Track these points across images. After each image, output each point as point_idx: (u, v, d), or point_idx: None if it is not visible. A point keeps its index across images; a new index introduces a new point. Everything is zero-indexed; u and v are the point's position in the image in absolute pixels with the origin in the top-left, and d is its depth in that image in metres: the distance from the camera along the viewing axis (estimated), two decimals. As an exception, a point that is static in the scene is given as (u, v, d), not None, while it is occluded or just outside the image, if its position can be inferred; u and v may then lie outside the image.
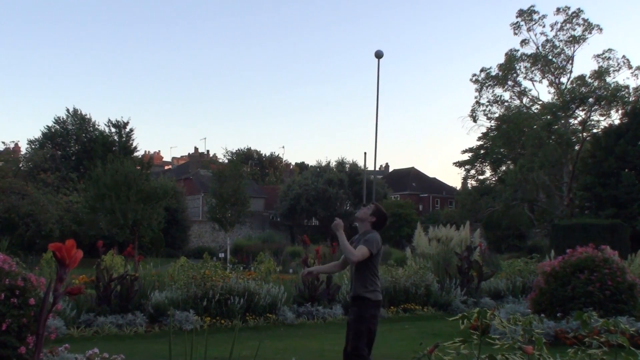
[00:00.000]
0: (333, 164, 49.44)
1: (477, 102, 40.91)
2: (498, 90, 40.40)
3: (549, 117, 36.97)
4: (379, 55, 16.96)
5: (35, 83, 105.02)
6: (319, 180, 45.60)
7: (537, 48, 39.35)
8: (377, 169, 69.71)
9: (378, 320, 4.99)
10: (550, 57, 38.94)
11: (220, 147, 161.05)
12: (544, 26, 39.23)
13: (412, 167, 63.59)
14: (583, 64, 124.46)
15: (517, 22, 39.68)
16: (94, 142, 37.20)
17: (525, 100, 40.80)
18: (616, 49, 60.58)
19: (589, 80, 37.83)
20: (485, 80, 40.32)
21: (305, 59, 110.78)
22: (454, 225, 15.09)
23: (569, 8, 38.46)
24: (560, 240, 23.93)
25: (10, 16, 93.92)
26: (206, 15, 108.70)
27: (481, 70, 40.44)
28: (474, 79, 40.70)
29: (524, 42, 39.77)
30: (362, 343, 4.77)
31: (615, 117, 36.97)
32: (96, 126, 40.11)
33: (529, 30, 39.46)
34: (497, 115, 40.47)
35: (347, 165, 49.00)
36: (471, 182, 48.56)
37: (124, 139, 37.03)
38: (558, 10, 38.79)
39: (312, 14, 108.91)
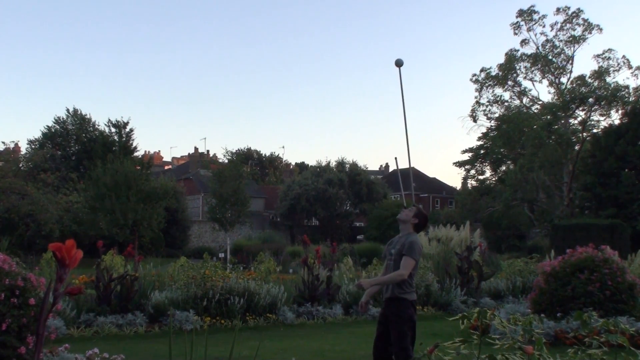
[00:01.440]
0: (333, 164, 49.45)
1: (477, 102, 40.93)
2: (498, 90, 40.43)
3: (549, 117, 36.95)
4: (399, 64, 16.44)
5: (35, 83, 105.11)
6: (319, 180, 45.58)
7: (537, 48, 39.36)
8: (376, 169, 69.24)
9: (415, 320, 5.07)
10: (550, 57, 38.93)
11: (220, 147, 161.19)
12: (544, 26, 39.27)
13: (412, 167, 63.56)
14: (583, 64, 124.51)
15: (517, 22, 39.70)
16: (94, 142, 37.18)
17: (525, 100, 40.82)
18: (616, 49, 60.58)
19: (589, 80, 37.83)
20: (485, 80, 40.31)
21: (305, 59, 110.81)
22: (454, 225, 15.08)
23: (569, 8, 38.49)
24: (560, 240, 23.92)
25: (11, 16, 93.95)
26: (206, 15, 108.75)
27: (481, 70, 40.47)
28: (474, 79, 40.73)
29: (524, 42, 39.80)
30: (407, 342, 4.86)
31: (615, 117, 36.99)
32: (96, 126, 40.07)
33: (529, 30, 39.47)
34: (497, 115, 40.48)
35: (347, 165, 48.98)
36: (471, 182, 48.53)
37: (124, 139, 36.99)
38: (558, 10, 38.81)
39: (312, 14, 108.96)
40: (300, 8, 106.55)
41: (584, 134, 37.23)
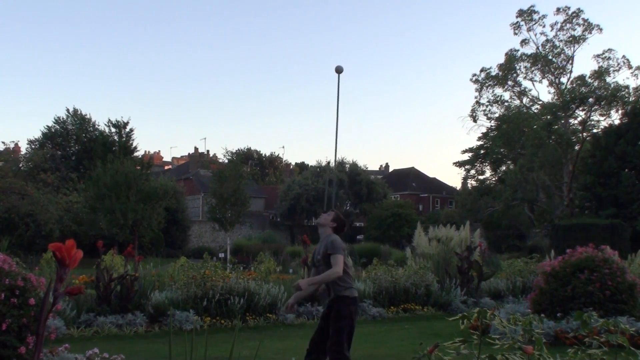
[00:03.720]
0: (333, 164, 49.44)
1: (477, 102, 40.93)
2: (498, 90, 40.43)
3: (549, 117, 36.95)
4: (339, 70, 17.42)
5: (35, 83, 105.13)
6: (319, 180, 45.60)
7: (537, 48, 39.35)
8: (376, 169, 69.21)
9: (357, 317, 5.27)
10: (550, 57, 38.92)
11: (220, 147, 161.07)
12: (544, 26, 39.27)
13: (412, 167, 63.59)
14: (583, 64, 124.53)
15: (517, 22, 39.69)
16: (94, 142, 37.16)
17: (525, 100, 40.81)
18: (616, 49, 60.60)
19: (589, 80, 37.82)
20: (485, 80, 40.30)
21: (305, 59, 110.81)
22: (454, 225, 15.07)
23: (569, 8, 38.48)
24: (560, 240, 23.91)
25: (11, 16, 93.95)
26: (206, 15, 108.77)
27: (481, 70, 40.47)
28: (474, 79, 40.72)
29: (524, 42, 39.80)
30: (342, 337, 5.01)
31: (615, 117, 37.00)
32: (96, 126, 40.09)
33: (529, 30, 39.47)
34: (497, 115, 40.47)
35: (347, 165, 48.99)
36: (471, 182, 48.52)
37: (124, 139, 36.96)
38: (558, 10, 38.81)
39: (312, 15, 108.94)
40: (299, 8, 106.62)
41: (584, 134, 37.23)
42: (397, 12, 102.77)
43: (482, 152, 45.75)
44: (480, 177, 47.37)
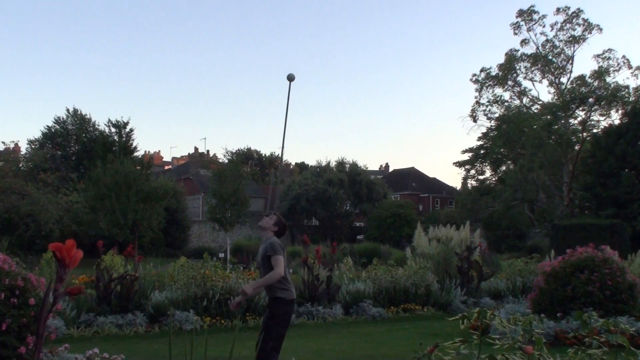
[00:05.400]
0: (333, 164, 49.45)
1: (477, 102, 40.94)
2: (498, 90, 40.43)
3: (549, 117, 36.95)
4: (290, 78, 17.84)
5: (35, 83, 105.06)
6: (319, 180, 45.58)
7: (537, 48, 39.35)
8: (376, 169, 69.00)
9: (290, 319, 5.21)
10: (550, 57, 38.92)
11: (220, 147, 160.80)
12: (544, 26, 39.26)
13: (412, 167, 63.59)
14: (583, 64, 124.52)
15: (517, 22, 39.69)
16: (94, 142, 37.15)
17: (525, 100, 40.81)
18: (616, 49, 60.61)
19: (589, 80, 37.81)
20: (485, 80, 40.30)
21: (303, 59, 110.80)
22: (454, 225, 15.08)
23: (569, 8, 38.47)
24: (560, 240, 23.90)
25: (11, 16, 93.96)
26: (206, 15, 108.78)
27: (481, 70, 40.47)
28: (474, 79, 40.73)
29: (524, 42, 39.79)
30: (269, 336, 4.98)
31: (615, 117, 37.01)
32: (96, 126, 40.09)
33: (529, 30, 39.47)
34: (497, 115, 40.47)
35: (347, 165, 48.99)
36: (471, 182, 48.55)
37: (124, 139, 36.94)
38: (558, 10, 38.80)
39: (311, 14, 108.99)
40: (301, 8, 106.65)
41: (584, 134, 37.22)
42: (397, 12, 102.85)
43: (482, 152, 45.77)
44: (480, 177, 47.44)
